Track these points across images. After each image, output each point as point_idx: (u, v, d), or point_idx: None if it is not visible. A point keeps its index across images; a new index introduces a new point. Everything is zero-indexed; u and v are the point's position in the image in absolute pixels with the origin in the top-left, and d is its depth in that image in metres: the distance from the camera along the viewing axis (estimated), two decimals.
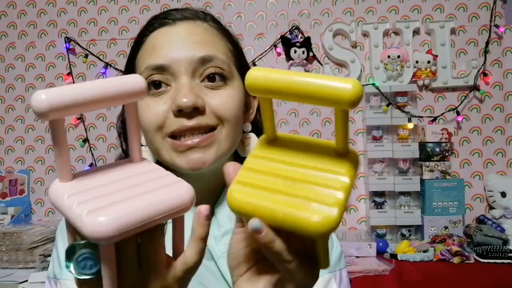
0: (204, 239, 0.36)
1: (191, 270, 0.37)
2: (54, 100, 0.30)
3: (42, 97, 0.30)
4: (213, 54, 0.57)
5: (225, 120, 0.57)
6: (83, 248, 0.32)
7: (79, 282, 0.34)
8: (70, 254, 0.32)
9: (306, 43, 1.96)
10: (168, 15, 0.61)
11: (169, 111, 0.56)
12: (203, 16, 0.62)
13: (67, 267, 0.32)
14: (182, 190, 0.33)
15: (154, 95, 0.57)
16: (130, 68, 0.63)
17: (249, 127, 0.65)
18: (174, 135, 0.56)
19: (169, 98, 0.56)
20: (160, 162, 0.60)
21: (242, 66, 0.63)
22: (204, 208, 0.35)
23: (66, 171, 0.33)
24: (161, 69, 0.57)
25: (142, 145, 0.62)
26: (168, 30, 0.59)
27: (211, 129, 0.56)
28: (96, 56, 2.08)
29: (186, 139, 0.55)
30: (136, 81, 0.35)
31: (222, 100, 0.57)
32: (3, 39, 2.16)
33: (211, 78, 0.57)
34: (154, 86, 0.57)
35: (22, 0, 2.16)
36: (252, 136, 0.64)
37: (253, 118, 0.66)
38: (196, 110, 0.55)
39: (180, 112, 0.54)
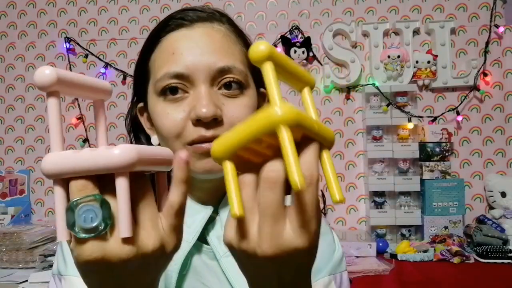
0: (185, 181, 0.37)
1: (178, 213, 0.37)
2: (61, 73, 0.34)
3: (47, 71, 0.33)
4: (232, 65, 0.58)
5: None
6: (86, 202, 0.33)
7: (81, 241, 0.34)
8: (71, 210, 0.33)
9: (306, 43, 1.96)
10: (185, 15, 0.61)
11: (188, 119, 0.56)
12: (220, 17, 0.63)
13: (71, 226, 0.33)
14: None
15: (171, 101, 0.58)
16: (143, 67, 0.63)
17: None
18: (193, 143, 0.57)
19: (187, 105, 0.57)
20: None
21: (256, 72, 0.64)
22: (183, 154, 0.37)
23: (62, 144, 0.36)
24: (180, 77, 0.57)
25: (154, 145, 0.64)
26: (186, 33, 0.59)
27: None
28: (96, 56, 2.08)
29: (204, 143, 0.56)
30: (105, 84, 0.39)
31: (238, 109, 0.58)
32: (3, 39, 2.17)
33: (228, 85, 0.58)
34: (171, 91, 0.58)
35: (22, 0, 2.16)
36: None
37: None
38: (214, 121, 0.56)
39: (198, 122, 0.55)
